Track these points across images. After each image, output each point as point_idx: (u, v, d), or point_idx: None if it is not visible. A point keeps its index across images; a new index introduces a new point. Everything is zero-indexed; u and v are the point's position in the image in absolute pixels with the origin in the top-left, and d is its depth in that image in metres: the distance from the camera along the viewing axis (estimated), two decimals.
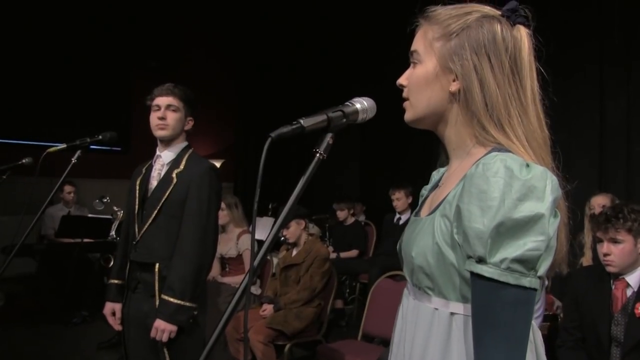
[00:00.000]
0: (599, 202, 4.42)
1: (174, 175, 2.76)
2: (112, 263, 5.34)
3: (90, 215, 6.67)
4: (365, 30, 8.41)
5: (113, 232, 6.18)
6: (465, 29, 1.15)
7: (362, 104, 1.20)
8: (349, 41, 8.71)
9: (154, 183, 2.81)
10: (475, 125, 1.15)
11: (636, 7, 5.75)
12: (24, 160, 2.93)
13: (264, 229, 6.67)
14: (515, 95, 1.13)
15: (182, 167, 2.78)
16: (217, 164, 8.84)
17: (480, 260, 1.00)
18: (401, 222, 6.47)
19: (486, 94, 1.12)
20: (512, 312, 0.98)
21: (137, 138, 8.36)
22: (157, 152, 2.86)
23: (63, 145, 2.56)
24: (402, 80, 1.24)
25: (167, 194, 2.73)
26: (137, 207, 2.80)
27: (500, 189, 0.98)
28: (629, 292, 2.70)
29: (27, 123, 7.74)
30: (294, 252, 4.56)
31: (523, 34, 1.16)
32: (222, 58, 10.02)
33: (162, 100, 2.78)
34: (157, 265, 2.70)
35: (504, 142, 1.11)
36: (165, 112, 2.77)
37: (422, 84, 1.19)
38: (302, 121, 1.10)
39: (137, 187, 2.85)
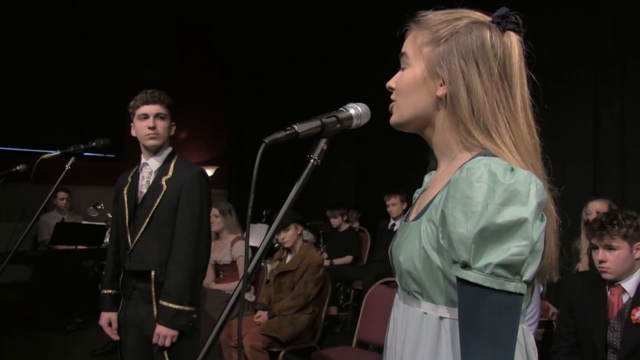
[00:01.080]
0: (596, 207, 4.40)
1: (163, 182, 2.76)
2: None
3: (84, 222, 6.66)
4: (360, 35, 8.42)
5: (107, 239, 6.15)
6: (454, 34, 1.15)
7: (356, 110, 1.20)
8: (343, 47, 8.72)
9: (143, 191, 2.81)
10: (462, 130, 1.15)
11: (629, 10, 5.77)
12: (17, 167, 2.92)
13: (258, 235, 6.66)
14: (503, 102, 1.13)
15: (170, 173, 2.78)
16: (211, 171, 8.84)
17: (465, 266, 0.99)
18: (395, 228, 6.42)
19: (473, 100, 1.12)
20: (498, 317, 0.98)
21: (131, 145, 8.34)
22: (143, 160, 2.85)
23: (57, 152, 2.56)
24: (391, 82, 1.25)
25: (158, 201, 2.72)
26: (127, 216, 2.79)
27: (484, 194, 0.98)
28: (624, 298, 2.68)
29: (21, 130, 7.72)
30: (288, 259, 4.54)
31: (513, 40, 1.16)
32: (216, 64, 10.01)
33: (150, 109, 2.76)
34: (152, 273, 2.70)
35: (491, 147, 1.11)
36: (155, 121, 2.76)
37: (410, 87, 1.19)
38: (296, 127, 1.10)
39: (126, 196, 2.83)
